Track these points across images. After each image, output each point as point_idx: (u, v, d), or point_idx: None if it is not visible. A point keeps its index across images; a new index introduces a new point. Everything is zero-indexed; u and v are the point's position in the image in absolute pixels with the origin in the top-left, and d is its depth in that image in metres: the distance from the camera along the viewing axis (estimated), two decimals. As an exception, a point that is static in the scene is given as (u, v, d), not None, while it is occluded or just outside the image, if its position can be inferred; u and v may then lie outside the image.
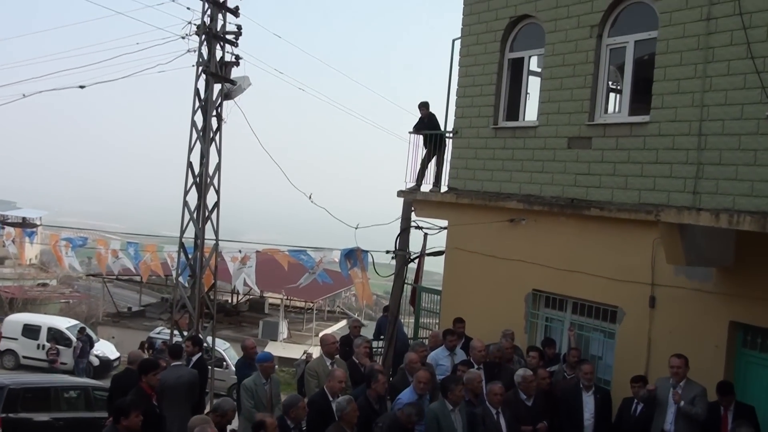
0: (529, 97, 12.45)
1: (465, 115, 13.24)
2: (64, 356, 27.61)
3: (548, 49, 11.71)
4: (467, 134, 13.14)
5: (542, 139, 11.69)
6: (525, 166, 11.99)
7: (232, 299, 42.76)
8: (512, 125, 12.48)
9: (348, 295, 53.43)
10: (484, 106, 12.85)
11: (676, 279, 9.58)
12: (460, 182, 13.18)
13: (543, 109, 11.75)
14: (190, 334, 14.71)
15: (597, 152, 10.79)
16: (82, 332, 27.72)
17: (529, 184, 11.87)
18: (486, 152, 12.76)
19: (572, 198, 11.01)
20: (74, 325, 29.62)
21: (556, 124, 11.43)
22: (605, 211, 10.33)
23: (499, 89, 12.74)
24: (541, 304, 11.73)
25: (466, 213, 12.73)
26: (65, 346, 28.00)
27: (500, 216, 11.99)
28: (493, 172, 12.55)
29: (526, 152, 12.02)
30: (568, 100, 11.26)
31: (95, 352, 27.99)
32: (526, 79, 12.49)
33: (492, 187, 12.55)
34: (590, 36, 11.00)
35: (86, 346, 27.25)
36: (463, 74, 13.34)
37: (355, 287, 16.10)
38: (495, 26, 12.74)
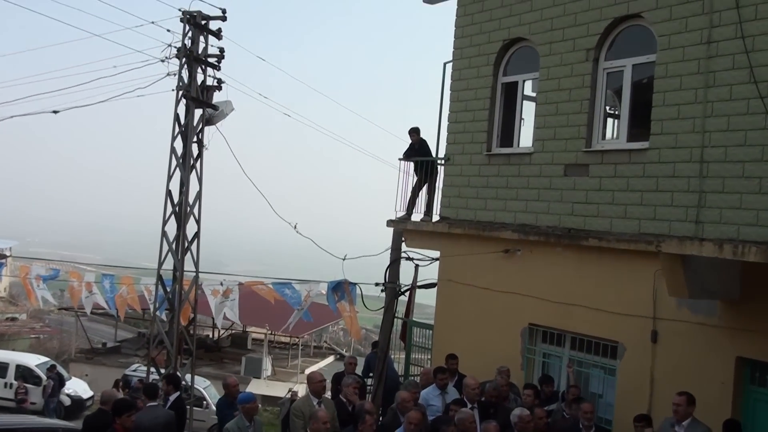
0: (523, 122, 12.41)
1: (457, 141, 13.20)
2: (34, 395, 27.22)
3: (543, 73, 11.71)
4: (459, 161, 13.08)
5: (538, 166, 11.64)
6: (520, 195, 11.92)
7: (213, 334, 42.52)
8: (506, 152, 12.43)
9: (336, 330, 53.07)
10: (477, 131, 12.81)
11: (680, 312, 9.49)
12: (453, 211, 13.11)
13: (538, 135, 11.73)
14: (167, 373, 14.52)
15: (595, 180, 10.73)
16: (53, 370, 27.40)
17: (524, 214, 11.80)
18: (479, 180, 12.68)
19: (569, 228, 10.97)
20: (44, 362, 29.28)
21: (552, 150, 11.42)
22: (604, 242, 10.27)
23: (493, 114, 12.73)
24: (538, 340, 11.60)
25: (458, 243, 12.63)
26: (34, 385, 27.62)
27: (494, 246, 11.90)
28: (487, 201, 12.47)
29: (520, 180, 11.95)
30: (564, 125, 11.27)
31: (66, 390, 27.65)
32: (520, 104, 12.47)
33: (486, 216, 12.47)
34: (586, 59, 11.04)
35: (57, 384, 26.87)
36: (455, 99, 13.32)
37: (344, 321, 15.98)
38: (488, 49, 12.75)
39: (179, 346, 16.81)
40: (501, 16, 12.62)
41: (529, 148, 11.98)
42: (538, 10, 11.99)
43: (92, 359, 36.32)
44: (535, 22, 11.97)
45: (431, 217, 13.74)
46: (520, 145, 12.40)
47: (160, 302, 17.20)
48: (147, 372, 17.12)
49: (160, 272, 16.84)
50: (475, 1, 13.10)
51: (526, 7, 12.21)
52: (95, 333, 45.93)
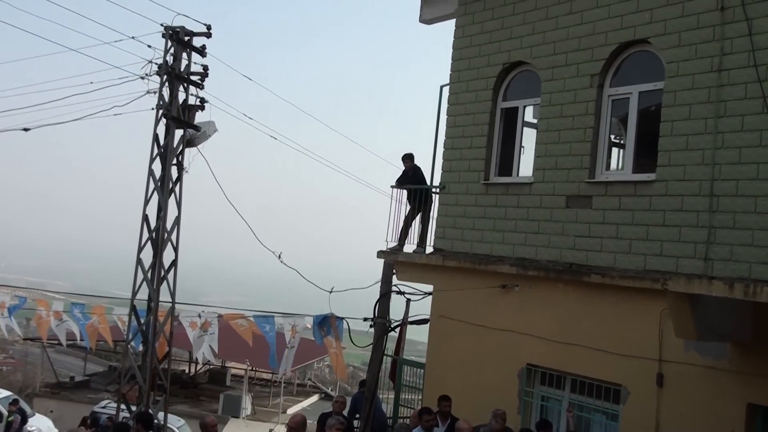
0: (523, 150, 12.41)
1: (453, 169, 13.16)
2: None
3: (545, 99, 11.74)
4: (455, 190, 13.04)
5: (538, 197, 11.63)
6: (519, 227, 11.91)
7: (190, 369, 42.08)
8: (505, 181, 12.41)
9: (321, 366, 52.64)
10: (475, 159, 12.80)
11: (687, 355, 9.42)
12: (447, 243, 13.08)
13: (539, 164, 11.71)
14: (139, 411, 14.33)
15: (598, 213, 10.74)
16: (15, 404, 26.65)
17: (523, 247, 11.79)
18: (476, 210, 12.66)
19: (571, 263, 10.92)
20: (6, 397, 28.61)
21: (554, 180, 11.41)
22: (607, 278, 10.23)
23: (491, 141, 12.72)
24: (536, 381, 11.50)
25: (453, 277, 12.59)
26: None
27: (491, 281, 11.84)
28: (484, 233, 12.46)
29: (520, 211, 11.93)
30: (567, 154, 11.28)
31: (29, 428, 27.02)
32: (520, 131, 12.47)
33: (482, 248, 12.45)
34: (590, 85, 11.07)
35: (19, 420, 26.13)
36: (452, 124, 13.32)
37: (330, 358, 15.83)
38: (487, 73, 12.80)
39: (152, 382, 16.60)
40: (501, 38, 12.66)
41: (529, 177, 11.94)
42: (540, 33, 12.03)
43: (58, 394, 35.66)
44: (537, 46, 12.01)
45: (424, 249, 13.72)
46: (520, 175, 12.37)
47: (133, 334, 17.10)
48: (117, 409, 16.85)
49: (134, 302, 16.67)
50: (474, 22, 13.16)
51: (528, 30, 12.24)
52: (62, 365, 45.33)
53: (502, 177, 12.61)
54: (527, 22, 12.28)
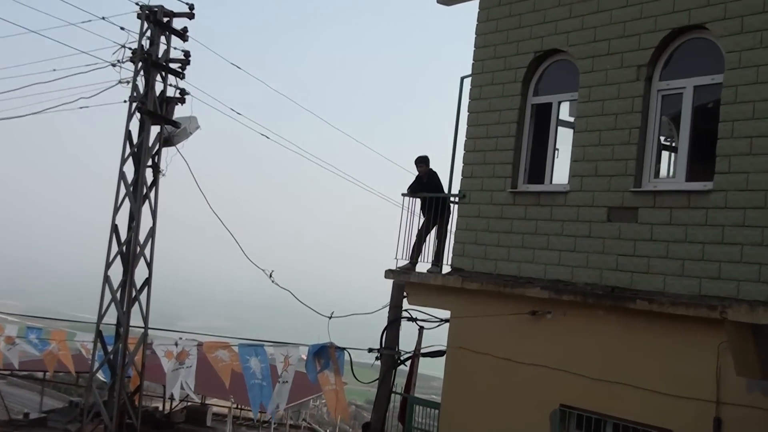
0: (558, 154, 12.44)
1: (475, 175, 13.16)
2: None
3: (583, 94, 11.74)
4: (477, 199, 13.04)
5: (575, 208, 11.61)
6: (552, 243, 11.88)
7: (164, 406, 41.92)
8: (536, 189, 12.40)
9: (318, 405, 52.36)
10: (500, 163, 12.80)
11: (750, 396, 9.28)
12: (467, 261, 13.05)
13: (576, 170, 11.69)
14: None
15: (645, 227, 10.71)
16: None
17: (556, 267, 11.76)
18: (501, 223, 12.64)
19: (613, 286, 10.88)
20: (-53, 437, 29.34)
21: (593, 189, 11.39)
22: (655, 305, 10.10)
23: (520, 143, 12.73)
24: (571, 425, 11.35)
25: (474, 302, 12.55)
26: (-63, 465, 27.97)
27: (519, 307, 11.79)
28: (510, 250, 12.43)
29: (553, 225, 11.93)
30: (609, 159, 11.24)
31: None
32: (554, 132, 12.46)
33: (508, 268, 12.44)
34: (637, 78, 11.07)
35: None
36: (474, 122, 13.31)
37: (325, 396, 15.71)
38: (515, 62, 12.80)
39: (120, 420, 16.49)
40: (533, 22, 12.68)
41: (565, 185, 11.92)
42: (578, 17, 12.03)
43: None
44: (575, 32, 12.02)
45: (440, 268, 13.66)
46: (554, 182, 12.36)
47: (99, 364, 16.91)
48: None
49: (100, 327, 16.52)
50: (501, 4, 13.20)
51: (564, 13, 12.25)
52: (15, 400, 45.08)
53: (532, 185, 12.55)
54: (563, 4, 12.22)
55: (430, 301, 13.36)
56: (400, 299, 11.73)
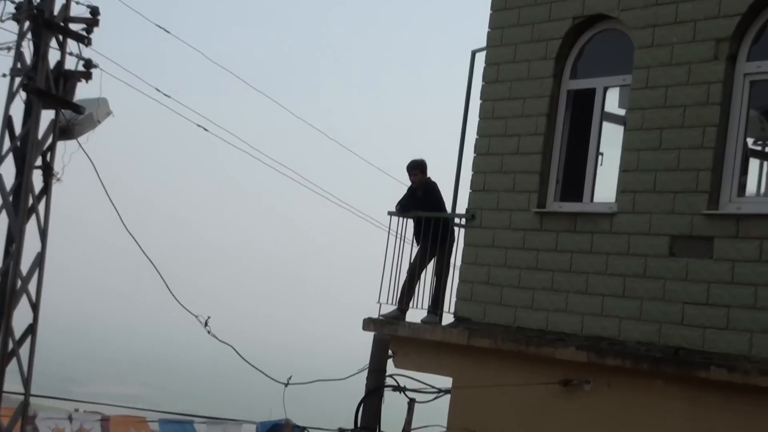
0: (602, 160, 12.21)
1: (489, 188, 12.93)
2: None
3: (639, 78, 11.48)
4: (491, 222, 12.79)
5: (624, 237, 11.32)
6: (592, 286, 11.56)
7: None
8: (572, 209, 12.15)
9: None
10: (523, 172, 12.56)
11: None
12: (477, 308, 12.78)
13: (627, 184, 11.44)
14: None
15: (723, 266, 10.34)
16: None
17: (598, 319, 11.44)
18: (524, 257, 12.37)
19: (676, 347, 10.54)
20: None
21: (650, 210, 11.12)
22: (738, 374, 9.72)
23: (551, 144, 12.46)
24: None
25: (485, 366, 12.27)
26: None
27: (546, 374, 11.44)
28: (536, 294, 12.15)
29: (594, 260, 11.60)
30: (673, 169, 10.97)
31: None
32: (597, 129, 12.17)
33: (533, 319, 12.13)
34: (715, 57, 10.76)
35: None
36: (488, 114, 13.05)
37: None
38: (547, 32, 12.48)
39: None
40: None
41: (611, 205, 11.67)
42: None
43: None
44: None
45: (440, 318, 13.51)
46: (596, 200, 12.12)
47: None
48: None
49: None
50: (527, -46, 12.97)
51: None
52: None
53: (566, 203, 12.28)
54: (612, -44, 11.93)
55: (425, 364, 13.08)
56: (384, 360, 11.45)
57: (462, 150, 13.67)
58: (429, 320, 13.49)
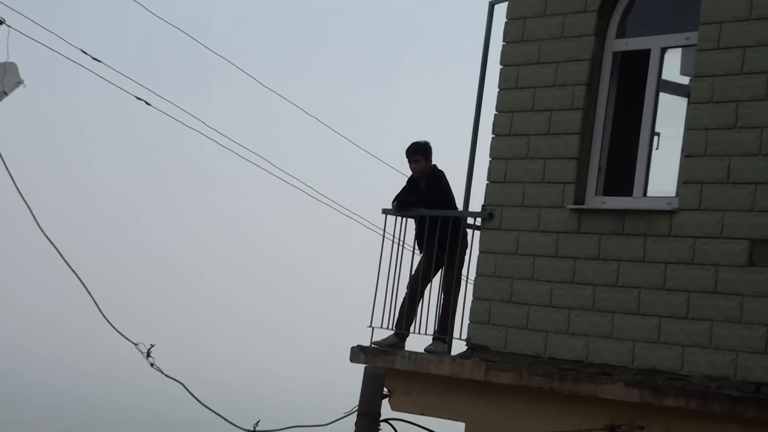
0: (658, 142, 11.88)
1: (511, 179, 12.67)
2: None
3: (707, 35, 11.13)
4: (514, 222, 12.52)
5: (688, 241, 11.00)
6: (646, 304, 11.25)
7: None
8: (619, 206, 11.86)
9: None
10: (556, 158, 12.30)
11: None
12: (496, 334, 12.52)
13: (692, 173, 11.11)
14: None
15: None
16: None
17: (654, 347, 11.13)
18: (556, 267, 12.11)
19: (758, 382, 10.28)
20: None
21: (723, 207, 10.83)
22: None
23: (592, 121, 12.17)
24: None
25: (506, 407, 12.09)
26: None
27: (586, 418, 11.20)
28: (573, 315, 11.85)
29: (649, 270, 11.27)
30: (753, 153, 10.68)
31: None
32: (652, 103, 11.82)
33: (569, 349, 11.89)
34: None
35: None
36: (511, 82, 12.79)
37: None
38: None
39: None
40: None
41: (670, 199, 11.41)
42: None
43: None
44: None
45: (449, 346, 13.22)
46: (650, 193, 11.81)
47: None
48: None
49: None
50: None
51: None
52: None
53: (612, 197, 12.01)
54: None
55: (430, 406, 12.82)
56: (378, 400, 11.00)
57: (477, 130, 13.33)
58: (435, 349, 13.19)
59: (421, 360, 13.03)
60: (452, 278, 13.43)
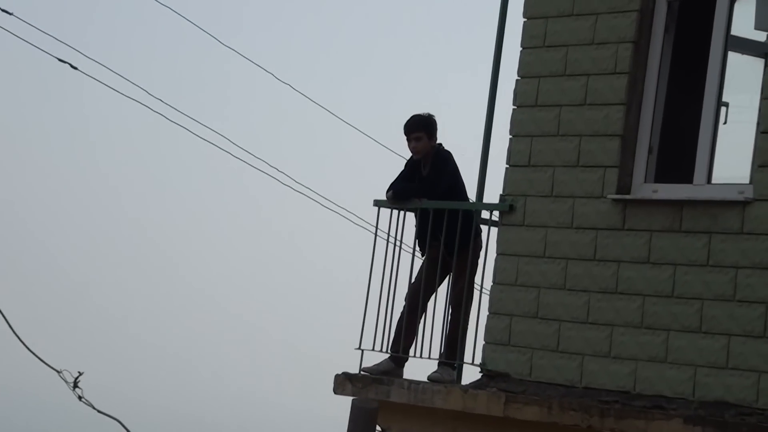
0: (726, 116, 11.63)
1: (537, 162, 12.35)
2: None
3: None
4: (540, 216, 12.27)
5: (766, 239, 10.77)
6: (711, 319, 10.94)
7: None
8: (675, 195, 11.51)
9: None
10: (593, 135, 12.03)
11: None
12: (518, 358, 12.29)
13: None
14: None
15: None
16: None
17: (721, 373, 10.82)
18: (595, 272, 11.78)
19: None
20: None
21: None
22: None
23: (639, 89, 11.83)
24: None
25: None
26: None
27: None
28: (615, 333, 11.61)
29: (714, 277, 10.98)
30: None
31: None
32: (718, 65, 11.42)
33: (609, 375, 11.68)
34: None
35: None
36: (537, 40, 12.55)
37: None
38: None
39: None
40: None
41: (742, 187, 11.06)
42: None
43: None
44: None
45: (458, 372, 13.03)
46: (715, 180, 11.42)
47: None
48: None
49: None
50: None
51: None
52: None
53: (666, 185, 11.65)
54: None
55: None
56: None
57: (493, 99, 13.05)
58: (441, 377, 12.93)
59: (424, 391, 12.89)
60: (462, 287, 13.31)
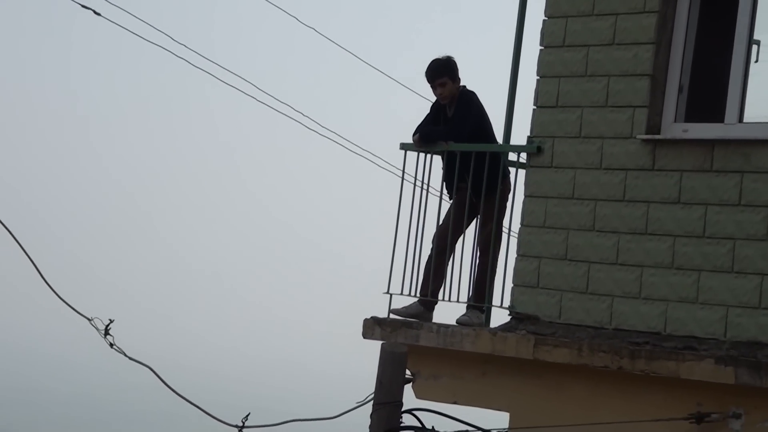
0: (758, 53, 11.74)
1: (565, 102, 12.44)
2: None
3: None
4: (569, 158, 12.37)
5: None
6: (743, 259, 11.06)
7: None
8: (706, 135, 11.65)
9: None
10: (622, 75, 12.11)
11: None
12: (547, 300, 12.40)
13: None
14: None
15: None
16: None
17: (754, 313, 11.01)
18: (624, 213, 11.96)
19: None
20: None
21: None
22: None
23: (669, 26, 11.97)
24: None
25: (562, 392, 11.99)
26: None
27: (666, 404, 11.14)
28: (645, 274, 11.68)
29: (746, 217, 11.19)
30: None
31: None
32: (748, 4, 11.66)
33: (640, 316, 11.76)
34: None
35: None
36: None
37: None
38: None
39: None
40: None
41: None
42: None
43: None
44: None
45: (486, 315, 13.11)
46: (747, 119, 11.56)
47: None
48: None
49: None
50: None
51: None
52: None
53: (697, 124, 11.76)
54: None
55: (465, 392, 12.72)
56: (399, 386, 11.01)
57: (519, 41, 13.18)
58: (470, 320, 12.99)
59: (453, 334, 12.79)
60: (491, 230, 13.38)
